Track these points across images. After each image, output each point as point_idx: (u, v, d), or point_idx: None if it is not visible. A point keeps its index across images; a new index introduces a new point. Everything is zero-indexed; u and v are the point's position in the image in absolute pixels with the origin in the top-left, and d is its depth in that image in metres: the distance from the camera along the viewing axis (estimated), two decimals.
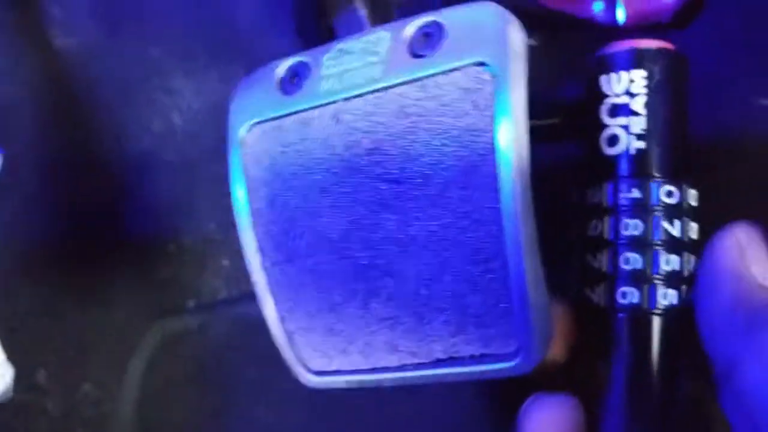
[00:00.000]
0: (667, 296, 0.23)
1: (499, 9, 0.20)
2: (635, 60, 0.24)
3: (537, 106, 0.26)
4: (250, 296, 0.47)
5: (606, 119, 0.24)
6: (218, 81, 0.45)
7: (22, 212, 0.44)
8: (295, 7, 0.27)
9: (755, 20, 0.33)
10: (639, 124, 0.23)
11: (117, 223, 0.47)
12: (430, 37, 0.20)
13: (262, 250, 0.23)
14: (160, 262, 0.47)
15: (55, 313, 0.44)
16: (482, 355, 0.21)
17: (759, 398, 0.20)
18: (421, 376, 0.22)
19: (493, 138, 0.19)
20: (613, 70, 0.24)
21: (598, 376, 0.24)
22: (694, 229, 0.24)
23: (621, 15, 0.36)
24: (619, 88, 0.24)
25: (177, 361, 0.46)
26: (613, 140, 0.24)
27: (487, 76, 0.19)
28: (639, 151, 0.24)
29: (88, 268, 0.45)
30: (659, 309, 0.23)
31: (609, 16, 0.36)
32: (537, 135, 0.26)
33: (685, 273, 0.24)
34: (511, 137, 0.19)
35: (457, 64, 0.20)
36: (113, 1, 0.45)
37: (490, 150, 0.19)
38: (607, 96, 0.24)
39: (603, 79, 0.24)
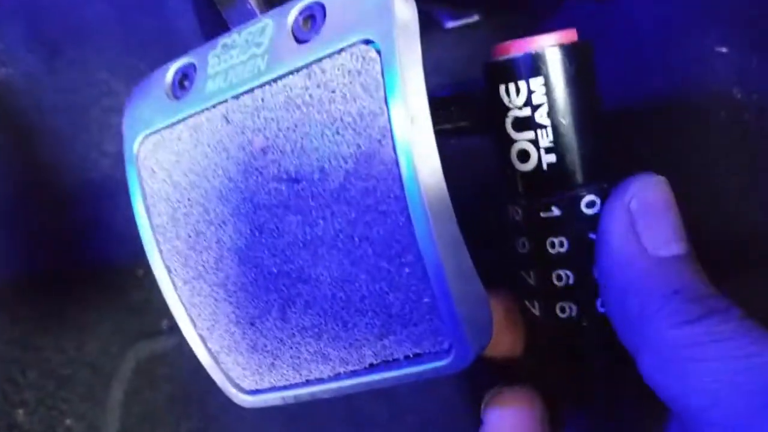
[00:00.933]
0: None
1: None
2: (532, 66, 0.21)
3: (444, 110, 0.24)
4: None
5: (513, 133, 0.22)
6: None
7: None
8: (195, 5, 0.25)
9: None
10: (546, 137, 0.21)
11: (83, 252, 0.46)
12: (313, 19, 0.19)
13: (170, 268, 0.22)
14: (130, 287, 0.46)
15: (31, 350, 0.43)
16: (416, 355, 0.20)
17: (656, 388, 0.19)
18: (358, 384, 0.21)
19: (388, 120, 0.17)
20: (510, 80, 0.21)
21: (553, 372, 0.24)
22: None
23: None
24: (519, 100, 0.21)
25: (156, 384, 0.46)
26: (524, 156, 0.22)
27: (373, 54, 0.18)
28: (551, 165, 0.21)
29: (59, 300, 0.45)
30: (598, 317, 0.22)
31: None
32: (446, 136, 0.24)
33: None
34: (406, 117, 0.17)
35: (340, 45, 0.18)
36: (50, 26, 0.44)
37: (387, 134, 0.18)
38: (509, 108, 0.22)
39: (502, 89, 0.22)
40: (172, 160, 0.21)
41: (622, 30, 0.35)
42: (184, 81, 0.21)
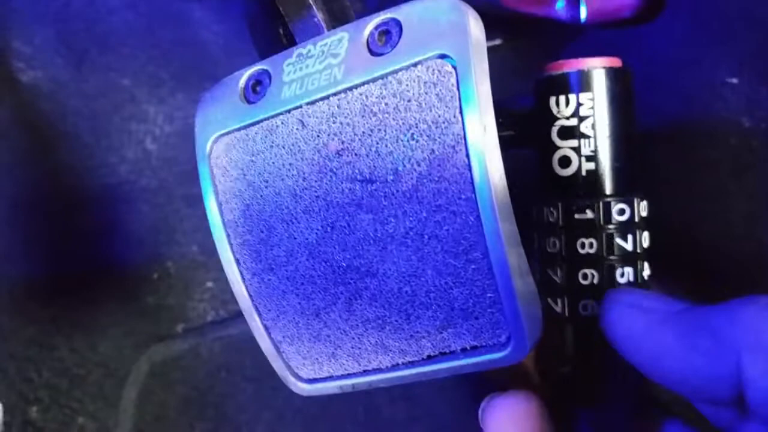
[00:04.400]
0: None
1: (456, 1, 0.20)
2: (583, 82, 0.24)
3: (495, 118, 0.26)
4: (238, 316, 0.47)
5: (557, 141, 0.24)
6: (188, 104, 0.45)
7: (5, 251, 0.43)
8: (249, 15, 0.27)
9: (722, 4, 0.34)
10: (588, 146, 0.24)
11: (100, 255, 0.46)
12: (388, 34, 0.20)
13: (239, 261, 0.23)
14: (146, 290, 0.47)
15: (45, 349, 0.44)
16: (473, 348, 0.21)
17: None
18: (415, 374, 0.22)
19: (462, 128, 0.19)
20: (561, 92, 0.24)
21: (562, 377, 0.25)
22: (645, 238, 0.25)
23: (583, 13, 0.37)
24: (567, 110, 0.24)
25: (170, 386, 0.46)
26: (565, 162, 0.24)
27: (449, 68, 0.19)
28: (590, 172, 0.24)
29: (74, 301, 0.45)
30: None
31: (571, 13, 0.37)
32: None
33: (640, 281, 0.25)
34: (479, 126, 0.19)
35: (417, 58, 0.20)
36: (78, 32, 0.45)
37: (461, 140, 0.19)
38: (557, 118, 0.24)
39: (552, 100, 0.24)
40: (247, 159, 0.22)
41: (639, 56, 0.37)
42: (257, 86, 0.23)
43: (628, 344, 0.21)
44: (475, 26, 0.20)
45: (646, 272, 0.25)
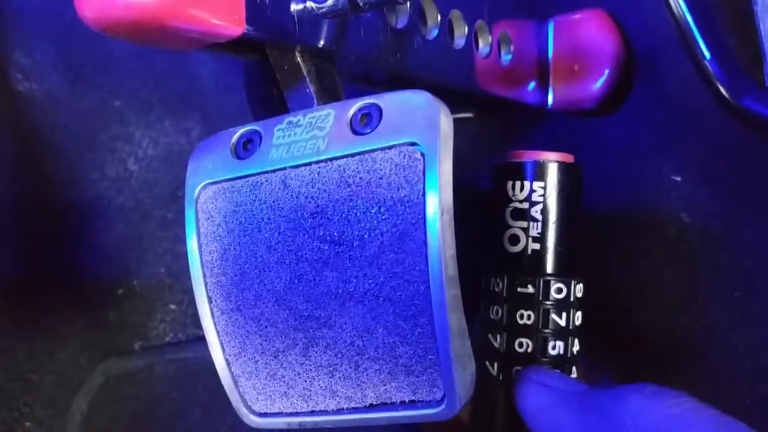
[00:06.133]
0: None
1: (431, 97, 0.23)
2: (538, 172, 0.27)
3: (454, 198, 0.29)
4: (196, 340, 0.49)
5: (509, 220, 0.28)
6: (174, 132, 0.47)
7: None
8: (247, 79, 0.29)
9: (673, 107, 0.37)
10: (536, 229, 0.27)
11: (68, 264, 0.48)
12: (370, 116, 0.23)
13: (211, 299, 0.25)
14: (109, 304, 0.48)
15: (2, 351, 0.45)
16: (411, 401, 0.24)
17: None
18: (357, 419, 0.25)
19: (423, 209, 0.22)
20: (518, 179, 0.28)
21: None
22: (578, 317, 0.28)
23: (550, 99, 0.40)
24: (521, 195, 0.27)
25: (121, 401, 0.47)
26: (514, 240, 0.28)
27: (418, 155, 0.22)
28: (535, 252, 0.27)
29: (36, 306, 0.46)
30: None
31: (540, 99, 0.40)
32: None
33: (569, 355, 0.28)
34: (438, 209, 0.22)
35: (392, 142, 0.23)
36: (78, 51, 0.46)
37: (421, 220, 0.22)
38: (511, 200, 0.28)
39: (509, 184, 0.28)
40: (230, 209, 0.25)
41: (595, 145, 0.41)
42: (247, 144, 0.25)
43: (532, 417, 0.24)
44: (445, 121, 0.23)
45: (576, 347, 0.28)
